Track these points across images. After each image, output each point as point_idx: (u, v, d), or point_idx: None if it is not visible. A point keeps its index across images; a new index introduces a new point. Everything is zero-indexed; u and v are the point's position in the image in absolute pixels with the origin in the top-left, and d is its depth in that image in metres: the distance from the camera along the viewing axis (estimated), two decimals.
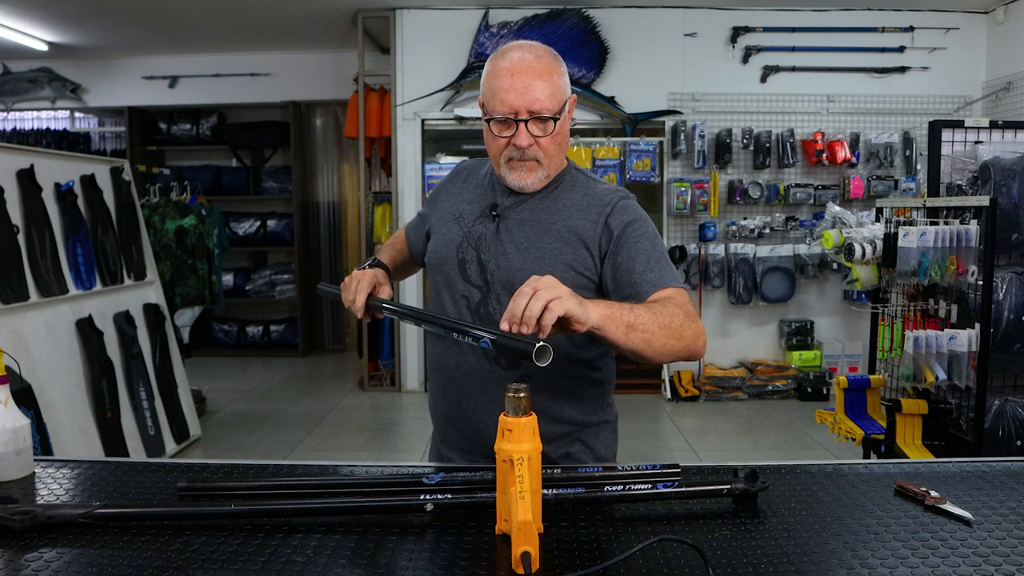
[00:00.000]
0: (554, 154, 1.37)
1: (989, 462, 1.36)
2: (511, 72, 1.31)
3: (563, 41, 5.38)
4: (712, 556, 0.98)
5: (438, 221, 1.50)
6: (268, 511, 1.12)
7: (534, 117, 1.31)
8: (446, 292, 1.44)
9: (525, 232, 1.38)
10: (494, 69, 1.33)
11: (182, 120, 7.06)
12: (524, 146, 1.33)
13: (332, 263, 7.55)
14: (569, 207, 1.39)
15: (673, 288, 1.31)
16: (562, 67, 1.36)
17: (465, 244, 1.41)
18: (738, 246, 5.40)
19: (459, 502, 1.13)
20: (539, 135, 1.33)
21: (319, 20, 5.70)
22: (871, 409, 3.22)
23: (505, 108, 1.31)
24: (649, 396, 5.45)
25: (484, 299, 1.39)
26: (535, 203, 1.40)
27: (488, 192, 1.45)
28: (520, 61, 1.31)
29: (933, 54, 5.48)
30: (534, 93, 1.30)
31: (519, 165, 1.36)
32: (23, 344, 3.17)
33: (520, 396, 1.02)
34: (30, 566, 0.97)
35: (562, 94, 1.34)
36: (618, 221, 1.36)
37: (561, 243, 1.36)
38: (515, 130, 1.32)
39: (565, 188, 1.42)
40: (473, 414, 1.41)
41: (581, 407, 1.43)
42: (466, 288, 1.40)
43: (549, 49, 1.36)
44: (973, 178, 3.05)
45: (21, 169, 3.38)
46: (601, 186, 1.43)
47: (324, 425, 4.87)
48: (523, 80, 1.30)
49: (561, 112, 1.34)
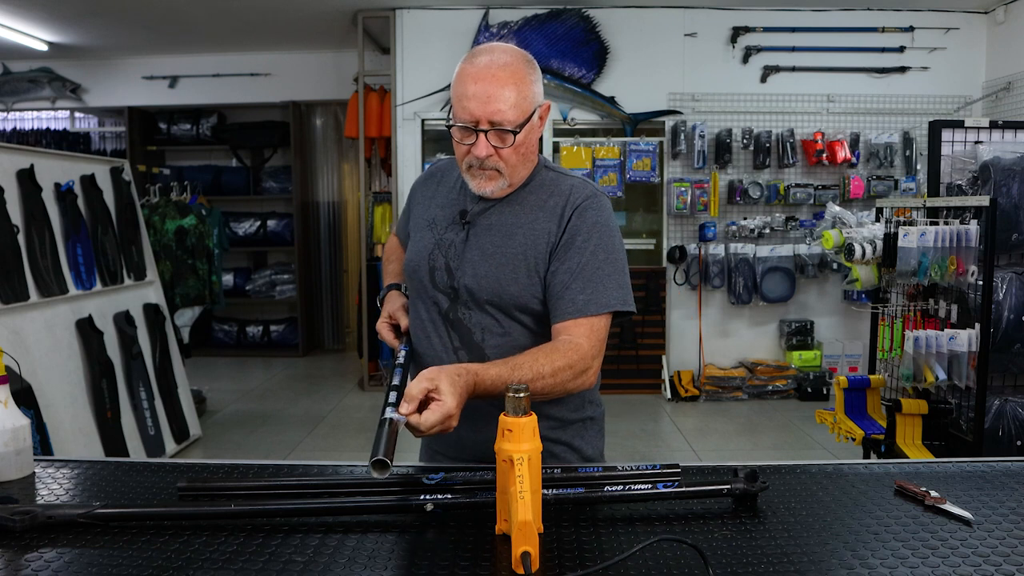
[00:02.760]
0: (516, 164, 1.33)
1: (989, 462, 1.36)
2: (476, 78, 1.26)
3: (563, 41, 5.38)
4: (712, 556, 0.98)
5: (415, 226, 1.49)
6: (268, 511, 1.12)
7: (495, 128, 1.27)
8: (419, 299, 1.44)
9: (492, 237, 1.36)
10: (461, 72, 1.29)
11: (182, 120, 7.06)
12: (482, 156, 1.29)
13: (332, 263, 7.55)
14: (535, 208, 1.37)
15: (590, 319, 1.29)
16: (533, 74, 1.31)
17: (436, 251, 1.40)
18: (738, 246, 5.40)
19: (459, 502, 1.13)
20: (499, 146, 1.29)
21: (319, 20, 5.70)
22: (871, 409, 3.22)
23: (466, 116, 1.27)
24: (649, 396, 5.45)
25: (453, 306, 1.38)
26: (502, 207, 1.38)
27: (459, 197, 1.42)
28: (487, 67, 1.26)
29: (933, 54, 5.48)
30: (496, 103, 1.25)
31: (479, 173, 1.33)
32: (23, 344, 3.17)
33: (520, 396, 1.02)
34: (30, 566, 0.97)
35: (529, 104, 1.29)
36: (575, 223, 1.34)
37: (526, 247, 1.34)
38: (475, 139, 1.28)
39: (533, 188, 1.39)
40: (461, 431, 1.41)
41: (562, 404, 1.41)
42: (436, 295, 1.40)
43: (522, 55, 1.32)
44: (973, 178, 3.05)
45: (21, 169, 3.38)
46: (568, 182, 1.40)
47: (324, 425, 4.87)
48: (487, 88, 1.25)
49: (527, 122, 1.29)
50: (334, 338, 7.59)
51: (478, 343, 1.37)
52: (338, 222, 7.53)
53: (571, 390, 1.28)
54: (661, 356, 5.51)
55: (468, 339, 1.38)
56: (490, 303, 1.36)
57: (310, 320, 7.34)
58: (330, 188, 7.53)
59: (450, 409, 1.09)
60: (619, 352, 5.39)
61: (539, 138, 1.40)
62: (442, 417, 1.08)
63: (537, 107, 1.32)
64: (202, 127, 7.06)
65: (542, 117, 1.35)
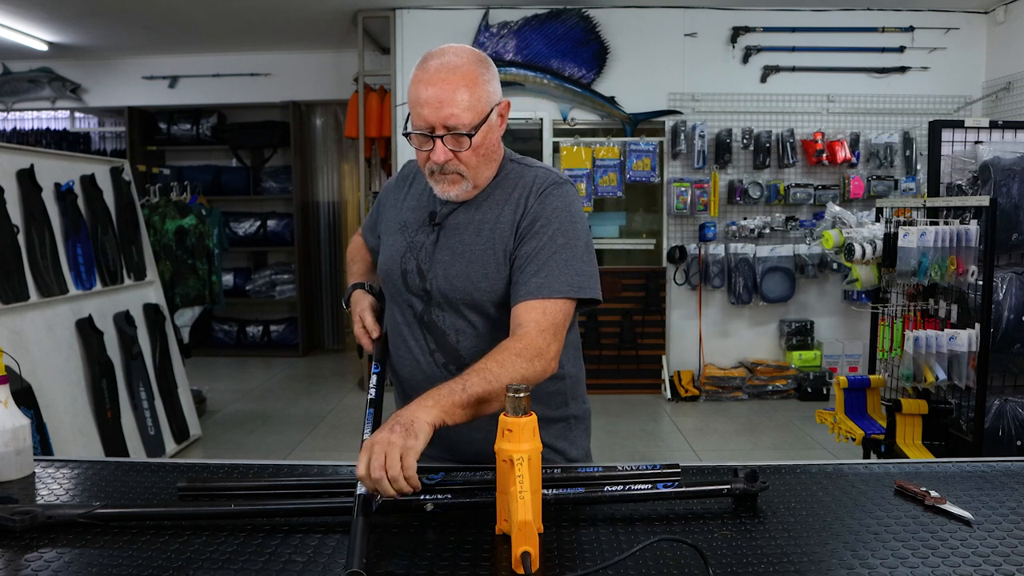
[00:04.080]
0: (478, 165, 1.32)
1: (989, 462, 1.36)
2: (428, 83, 1.26)
3: (563, 41, 5.38)
4: (712, 556, 0.98)
5: (386, 229, 1.48)
6: (268, 511, 1.12)
7: (450, 132, 1.26)
8: (394, 302, 1.43)
9: (460, 236, 1.36)
10: (414, 78, 1.28)
11: (182, 120, 7.06)
12: (441, 162, 1.29)
13: (332, 263, 7.55)
14: (501, 202, 1.36)
15: (543, 302, 1.26)
16: (487, 74, 1.29)
17: (408, 254, 1.40)
18: (738, 246, 5.40)
19: (459, 502, 1.13)
20: (456, 150, 1.28)
21: (319, 20, 5.70)
22: (871, 409, 3.22)
23: (421, 122, 1.27)
24: (649, 396, 5.44)
25: (427, 308, 1.38)
26: (469, 205, 1.38)
27: (429, 199, 1.42)
28: (437, 71, 1.26)
29: (933, 54, 5.48)
30: (449, 108, 1.24)
31: (441, 178, 1.32)
32: (23, 344, 3.17)
33: (520, 396, 1.02)
34: (30, 566, 0.97)
35: (484, 104, 1.28)
36: (536, 209, 1.33)
37: (493, 240, 1.34)
38: (432, 145, 1.28)
39: (499, 183, 1.38)
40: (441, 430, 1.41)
41: (540, 402, 1.37)
42: (410, 298, 1.40)
43: (474, 54, 1.30)
44: (973, 178, 3.05)
45: (21, 169, 3.38)
46: (532, 172, 1.39)
47: (324, 425, 4.87)
48: (438, 93, 1.24)
49: (483, 123, 1.28)
50: (334, 338, 7.59)
51: (453, 344, 1.37)
52: (338, 222, 7.53)
53: (532, 377, 1.22)
54: (661, 356, 5.51)
55: (443, 341, 1.38)
56: (463, 302, 1.35)
57: (310, 320, 7.34)
58: (330, 188, 7.52)
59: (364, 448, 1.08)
60: (619, 352, 5.39)
61: (500, 136, 1.38)
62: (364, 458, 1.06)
63: (494, 106, 1.31)
64: (202, 127, 7.06)
65: (502, 115, 1.34)
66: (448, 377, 1.25)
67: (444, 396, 1.13)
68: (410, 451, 1.03)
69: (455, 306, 1.36)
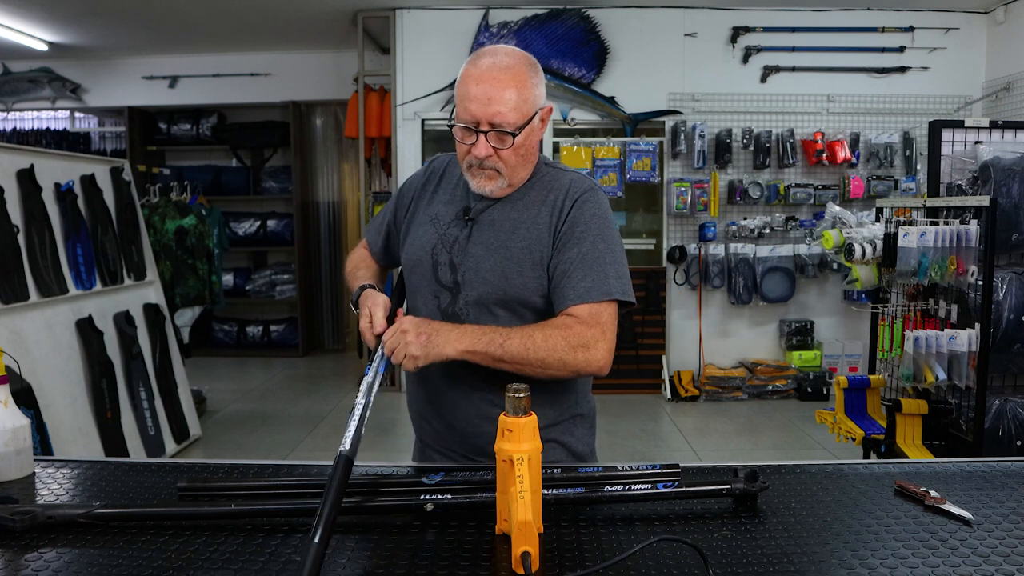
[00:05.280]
0: (516, 166, 1.36)
1: (989, 462, 1.36)
2: (478, 80, 1.29)
3: (563, 41, 5.38)
4: (712, 556, 0.98)
5: (416, 222, 1.49)
6: (268, 511, 1.12)
7: (495, 129, 1.30)
8: (419, 293, 1.44)
9: (495, 232, 1.38)
10: (464, 74, 1.32)
11: (182, 120, 7.06)
12: (482, 157, 1.32)
13: (332, 263, 7.55)
14: (537, 203, 1.39)
15: (591, 305, 1.31)
16: (535, 78, 1.34)
17: (439, 247, 1.41)
18: (738, 246, 5.40)
19: (459, 502, 1.13)
20: (498, 147, 1.31)
21: (319, 20, 5.70)
22: (871, 409, 3.22)
23: (467, 116, 1.30)
24: (649, 396, 5.44)
25: (454, 300, 1.39)
26: (505, 204, 1.40)
27: (463, 194, 1.44)
28: (489, 69, 1.29)
29: (933, 54, 5.48)
30: (497, 105, 1.28)
31: (479, 172, 1.35)
32: (23, 344, 3.17)
33: (520, 396, 1.02)
34: (30, 566, 0.97)
35: (530, 106, 1.32)
36: (574, 214, 1.37)
37: (530, 241, 1.36)
38: (475, 140, 1.31)
39: (534, 185, 1.41)
40: (443, 408, 1.43)
41: (552, 400, 1.42)
42: (438, 289, 1.41)
43: (525, 58, 1.34)
44: (973, 178, 3.05)
45: (21, 169, 3.38)
46: (567, 177, 1.42)
47: (324, 425, 4.87)
48: (488, 90, 1.28)
49: (527, 125, 1.32)
50: (334, 338, 7.59)
51: None
52: (338, 222, 7.53)
53: (572, 364, 1.27)
54: (661, 356, 5.51)
55: None
56: (493, 297, 1.37)
57: (310, 320, 7.34)
58: (330, 188, 7.52)
59: (405, 322, 1.25)
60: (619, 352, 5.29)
61: (540, 140, 1.41)
62: (397, 326, 1.25)
63: (538, 110, 1.35)
64: (202, 127, 7.06)
65: (543, 119, 1.37)
66: (465, 369, 1.32)
67: (480, 342, 1.24)
68: (413, 360, 1.22)
69: (483, 301, 1.37)
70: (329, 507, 0.99)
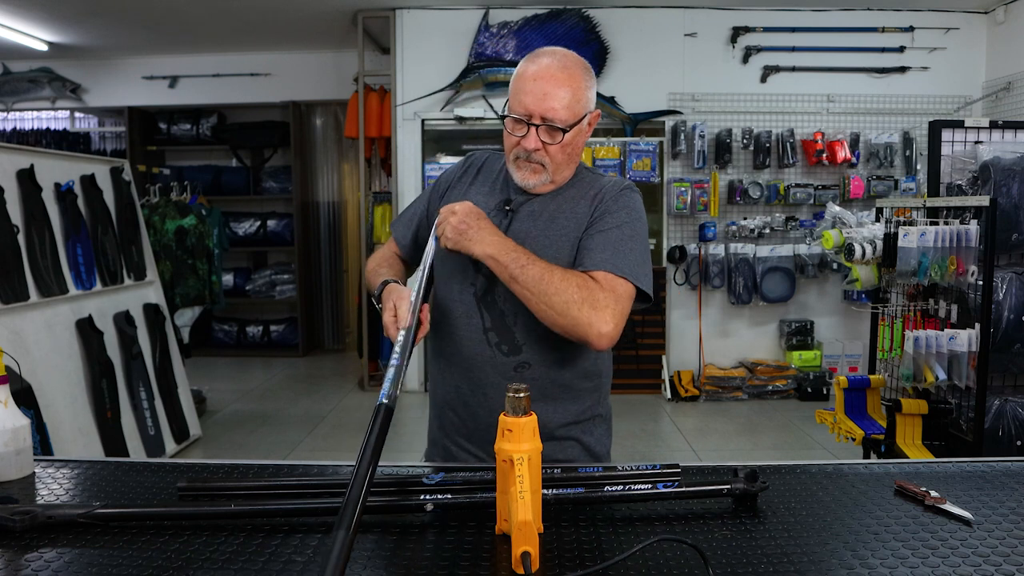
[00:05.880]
0: (562, 163, 1.40)
1: (989, 462, 1.36)
2: (535, 77, 1.35)
3: (563, 41, 5.38)
4: (712, 556, 0.98)
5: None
6: (268, 511, 1.12)
7: (546, 124, 1.34)
8: (453, 280, 1.46)
9: (535, 222, 1.42)
10: (522, 71, 1.38)
11: (182, 120, 7.06)
12: (531, 149, 1.36)
13: (332, 263, 7.55)
14: (576, 198, 1.44)
15: (609, 274, 1.32)
16: (589, 81, 1.40)
17: None
18: (738, 246, 5.40)
19: (459, 502, 1.13)
20: (547, 142, 1.36)
21: (319, 20, 5.70)
22: (871, 409, 3.22)
23: (521, 109, 1.36)
24: (649, 396, 5.44)
25: (491, 287, 1.41)
26: (546, 199, 1.44)
27: (504, 187, 1.48)
28: (547, 67, 1.36)
29: (933, 54, 5.48)
30: (550, 101, 1.34)
31: (524, 165, 1.40)
32: (23, 344, 3.17)
33: (520, 396, 1.02)
34: (30, 566, 0.97)
35: (582, 107, 1.37)
36: (608, 205, 1.41)
37: (569, 230, 1.40)
38: (526, 132, 1.36)
39: (574, 183, 1.46)
40: (471, 398, 1.44)
41: (575, 400, 1.45)
42: (475, 277, 1.43)
43: (582, 62, 1.41)
44: (973, 178, 3.05)
45: (21, 169, 3.38)
46: (606, 178, 1.49)
47: (324, 425, 4.87)
48: (543, 86, 1.34)
49: (577, 125, 1.37)
50: (334, 338, 7.59)
51: (509, 326, 1.41)
52: (338, 222, 7.53)
53: (575, 316, 1.27)
54: (661, 356, 5.51)
55: (500, 321, 1.41)
56: None
57: (310, 320, 7.34)
58: (330, 188, 7.53)
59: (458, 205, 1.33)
60: (619, 352, 5.38)
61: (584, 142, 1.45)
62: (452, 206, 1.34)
63: (588, 113, 1.40)
64: (202, 127, 7.06)
65: (591, 123, 1.43)
66: (497, 355, 1.40)
67: (507, 256, 1.30)
68: (445, 240, 1.32)
69: None
70: (370, 454, 1.01)
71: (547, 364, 1.40)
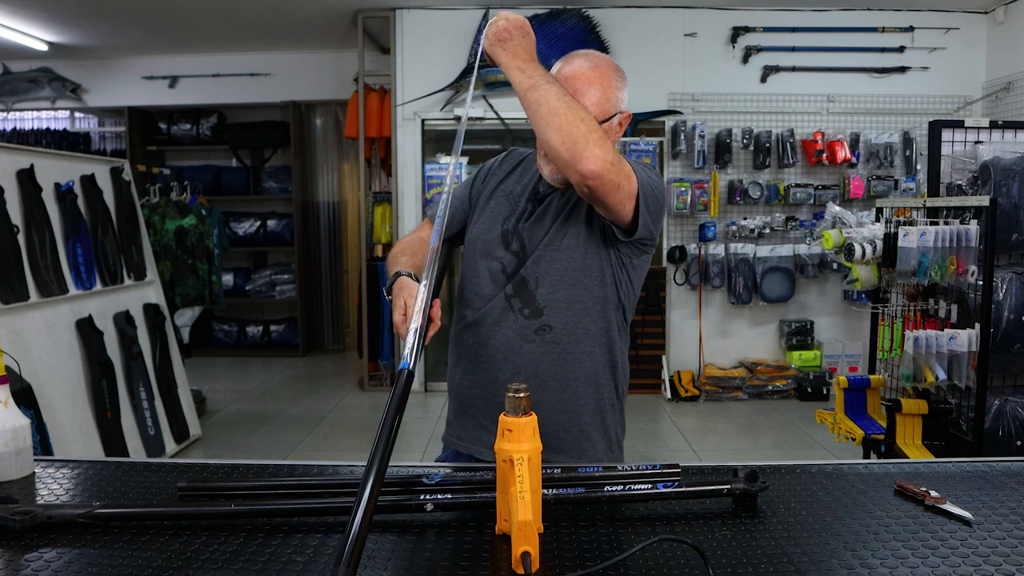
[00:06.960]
0: None
1: (989, 462, 1.36)
2: (568, 75, 1.42)
3: (563, 41, 5.38)
4: (712, 556, 0.98)
5: (492, 195, 1.59)
6: (268, 511, 1.12)
7: None
8: (484, 260, 1.53)
9: (563, 202, 1.48)
10: (556, 72, 1.44)
11: (182, 120, 7.06)
12: None
13: (332, 263, 7.55)
14: None
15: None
16: (620, 82, 1.45)
17: (511, 217, 1.52)
18: (738, 246, 5.40)
19: (459, 502, 1.13)
20: None
21: (319, 20, 5.70)
22: (871, 409, 3.22)
23: None
24: (649, 396, 5.45)
25: (520, 265, 1.48)
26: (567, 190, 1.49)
27: (536, 180, 1.54)
28: (580, 66, 1.43)
29: (933, 54, 5.48)
30: (581, 98, 1.37)
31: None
32: (23, 344, 3.17)
33: (520, 396, 1.02)
34: (30, 566, 0.97)
35: (612, 106, 1.43)
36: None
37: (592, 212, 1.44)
38: None
39: None
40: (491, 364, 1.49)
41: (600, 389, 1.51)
42: (505, 255, 1.50)
43: (614, 64, 1.47)
44: (973, 178, 3.05)
45: (21, 169, 3.38)
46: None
47: (324, 425, 4.87)
48: (575, 84, 1.40)
49: (606, 123, 1.41)
50: (334, 338, 7.59)
51: (531, 291, 1.47)
52: (338, 222, 7.54)
53: (580, 140, 1.26)
54: (661, 356, 5.51)
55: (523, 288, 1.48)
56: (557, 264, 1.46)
57: (310, 320, 7.34)
58: (330, 188, 7.53)
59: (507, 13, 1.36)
60: None
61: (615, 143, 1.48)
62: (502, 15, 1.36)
63: (618, 112, 1.45)
64: (202, 127, 7.06)
65: (621, 124, 1.48)
66: (521, 320, 1.46)
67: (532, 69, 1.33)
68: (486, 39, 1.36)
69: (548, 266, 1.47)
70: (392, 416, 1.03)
71: (567, 328, 1.46)
